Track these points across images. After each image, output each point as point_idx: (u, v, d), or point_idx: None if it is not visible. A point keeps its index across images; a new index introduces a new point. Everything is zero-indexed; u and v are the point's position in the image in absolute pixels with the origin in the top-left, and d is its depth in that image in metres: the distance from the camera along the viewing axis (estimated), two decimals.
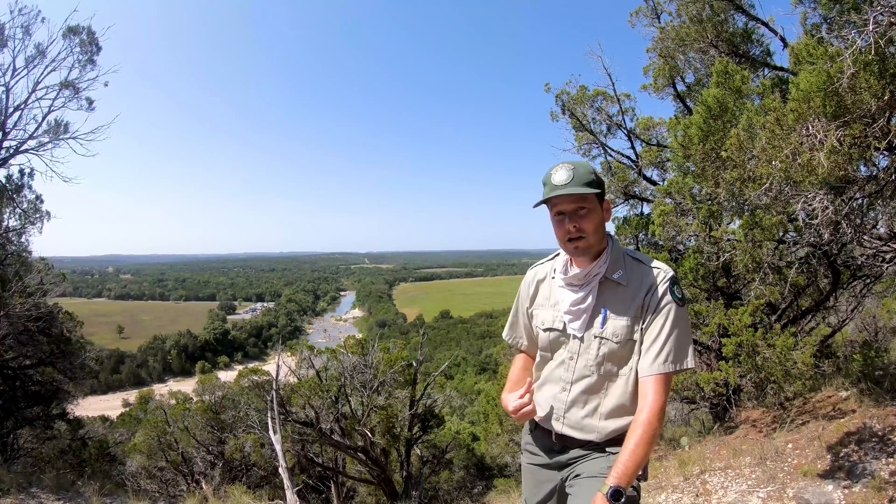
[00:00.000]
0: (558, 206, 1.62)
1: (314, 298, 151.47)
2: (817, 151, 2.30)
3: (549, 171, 1.63)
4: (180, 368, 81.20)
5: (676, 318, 1.58)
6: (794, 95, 2.44)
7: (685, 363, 1.58)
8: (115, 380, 72.35)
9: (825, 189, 3.64)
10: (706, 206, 4.56)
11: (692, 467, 5.09)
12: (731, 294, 6.67)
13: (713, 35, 4.40)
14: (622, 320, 1.63)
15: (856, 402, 4.70)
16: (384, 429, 9.08)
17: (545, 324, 1.81)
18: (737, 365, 5.41)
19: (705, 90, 3.33)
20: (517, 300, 1.99)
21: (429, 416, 10.47)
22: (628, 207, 9.06)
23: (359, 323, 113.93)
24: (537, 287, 1.90)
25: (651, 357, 1.57)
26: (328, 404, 8.99)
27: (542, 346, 1.83)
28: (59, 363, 9.43)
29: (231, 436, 9.92)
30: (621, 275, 1.66)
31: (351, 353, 9.69)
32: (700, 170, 3.43)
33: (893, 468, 3.58)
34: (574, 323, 1.70)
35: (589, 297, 1.67)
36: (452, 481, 12.76)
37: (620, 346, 1.62)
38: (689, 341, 1.60)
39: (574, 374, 1.70)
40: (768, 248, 4.48)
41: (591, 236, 1.62)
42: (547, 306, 1.83)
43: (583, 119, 8.08)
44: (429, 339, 61.91)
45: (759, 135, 2.60)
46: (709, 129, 3.29)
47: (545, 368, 1.83)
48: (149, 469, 9.92)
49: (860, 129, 2.27)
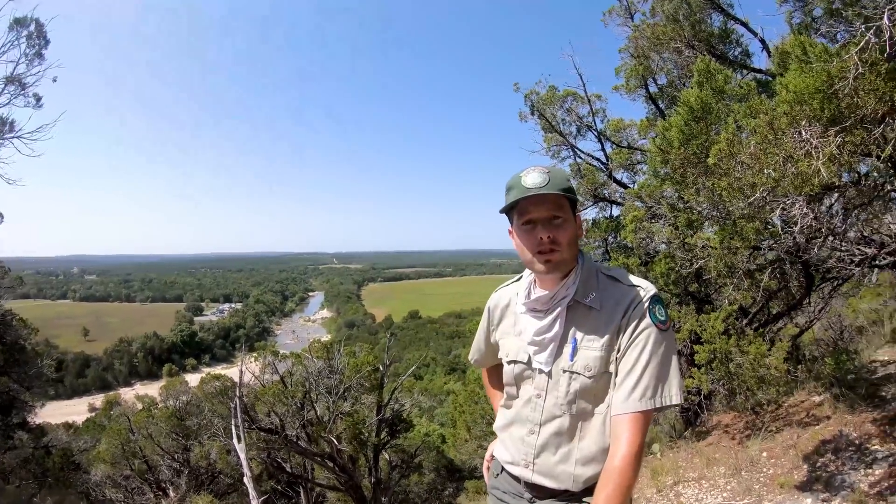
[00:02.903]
0: (530, 213, 1.38)
1: (282, 299, 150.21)
2: (814, 159, 2.15)
3: (518, 175, 1.39)
4: (147, 371, 79.46)
5: (657, 345, 1.33)
6: (783, 97, 2.28)
7: (668, 398, 1.32)
8: (81, 384, 71.20)
9: (804, 196, 3.55)
10: (685, 214, 4.40)
11: (665, 477, 4.99)
12: (702, 298, 6.63)
13: (690, 34, 4.28)
14: (595, 351, 1.38)
15: (830, 408, 4.66)
16: (351, 435, 8.88)
17: (509, 355, 1.57)
18: (709, 371, 5.33)
19: (685, 91, 3.15)
20: (480, 327, 1.79)
21: (397, 420, 10.29)
22: (598, 210, 9.01)
23: (327, 324, 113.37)
24: (501, 313, 1.67)
25: (625, 392, 1.32)
26: (293, 411, 8.76)
27: (507, 381, 1.59)
28: (14, 372, 8.95)
29: (196, 443, 9.75)
30: (594, 297, 1.42)
31: (316, 358, 9.48)
32: (680, 176, 3.25)
33: (873, 479, 3.51)
34: (540, 355, 1.46)
35: (556, 325, 1.43)
36: (423, 484, 12.69)
37: (594, 381, 1.38)
38: (675, 372, 1.34)
39: (543, 414, 1.47)
40: (743, 255, 4.39)
41: (566, 250, 1.38)
42: (512, 335, 1.60)
43: (552, 120, 7.95)
44: (398, 340, 61.73)
45: (748, 140, 2.43)
46: (690, 132, 3.10)
47: (512, 406, 1.59)
48: (114, 478, 9.75)
49: (861, 135, 2.13)
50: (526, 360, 1.51)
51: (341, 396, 9.10)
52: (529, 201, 1.36)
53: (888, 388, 4.40)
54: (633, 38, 5.44)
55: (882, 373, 4.91)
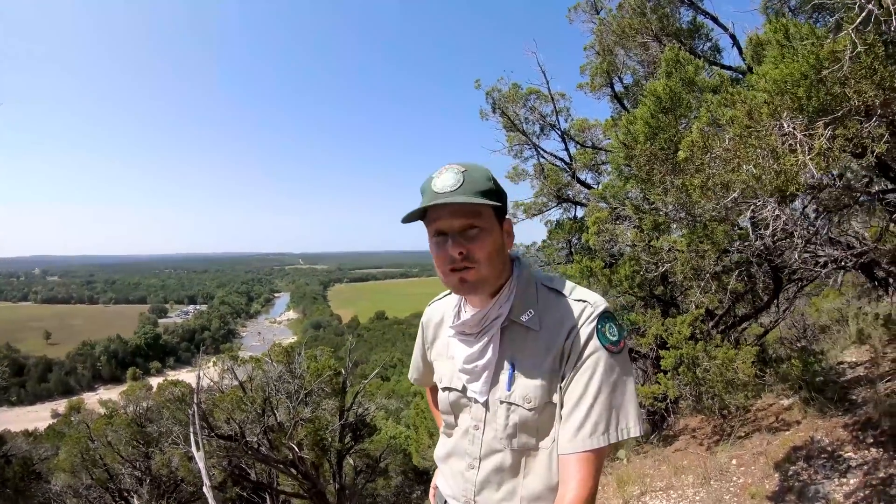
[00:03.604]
0: (438, 223, 1.14)
1: (248, 300, 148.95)
2: (800, 154, 1.95)
3: (431, 176, 1.15)
4: (111, 375, 77.96)
5: (608, 372, 1.11)
6: (763, 86, 2.08)
7: (624, 431, 1.11)
8: (44, 389, 69.81)
9: (776, 198, 3.40)
10: (651, 216, 4.19)
11: (632, 487, 4.83)
12: (667, 301, 6.52)
13: (657, 27, 4.10)
14: (535, 378, 1.17)
15: (800, 412, 4.55)
16: (312, 442, 8.58)
17: (443, 381, 1.37)
18: (676, 377, 5.19)
19: (651, 82, 2.91)
20: (417, 343, 1.57)
21: (360, 425, 10.06)
22: (561, 211, 8.88)
23: (293, 325, 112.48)
24: (435, 332, 1.46)
25: (572, 428, 1.10)
26: (253, 417, 8.46)
27: (443, 409, 1.38)
28: None
29: (157, 450, 9.50)
30: (532, 316, 1.20)
31: (277, 362, 9.18)
32: (645, 173, 3.03)
33: (848, 489, 3.38)
34: (474, 384, 1.25)
35: (488, 351, 1.22)
36: (390, 488, 12.57)
37: (536, 413, 1.17)
38: (632, 399, 1.12)
39: (482, 448, 1.26)
40: (711, 258, 4.24)
41: (485, 266, 1.14)
42: (445, 357, 1.38)
43: (515, 118, 7.75)
44: (364, 341, 61.18)
45: (725, 132, 2.23)
46: (657, 125, 2.85)
47: (451, 435, 1.38)
48: (75, 487, 9.53)
49: (854, 127, 1.93)
50: (461, 387, 1.30)
51: (302, 402, 8.83)
52: (439, 209, 1.12)
53: (858, 392, 4.32)
54: (598, 32, 5.26)
55: (851, 375, 4.85)
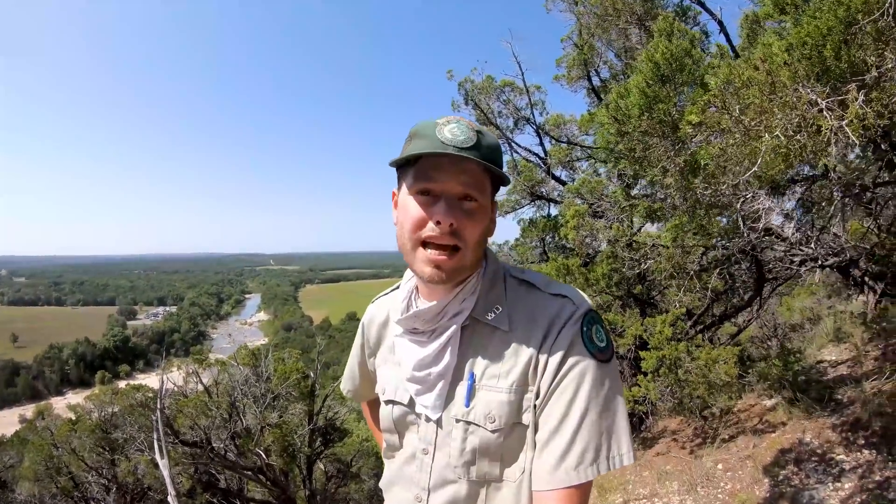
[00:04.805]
0: (434, 180, 0.89)
1: (218, 302, 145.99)
2: (832, 120, 1.73)
3: (433, 121, 0.90)
4: (79, 379, 75.66)
5: (597, 386, 0.87)
6: (779, 47, 1.86)
7: (616, 459, 0.87)
8: (10, 393, 67.87)
9: (767, 189, 3.22)
10: (643, 203, 3.91)
11: (614, 496, 4.63)
12: (645, 301, 6.37)
13: (642, 10, 3.92)
14: (500, 392, 0.92)
15: (784, 413, 4.42)
16: (281, 448, 8.23)
17: (386, 392, 1.10)
18: (657, 378, 5.00)
19: (646, 50, 2.65)
20: (354, 348, 1.30)
21: (331, 429, 9.68)
22: (535, 209, 8.71)
23: (265, 326, 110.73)
24: (378, 333, 1.18)
25: (553, 458, 0.86)
26: (220, 422, 8.13)
27: (386, 426, 1.10)
28: None
29: (123, 457, 9.01)
30: (500, 313, 0.96)
31: (243, 365, 8.85)
32: (640, 151, 2.77)
33: (843, 494, 3.21)
34: (424, 396, 1.00)
35: (445, 355, 0.97)
36: (363, 491, 12.23)
37: (501, 436, 0.92)
38: (623, 420, 0.89)
39: (431, 476, 0.99)
40: (696, 254, 4.05)
41: (471, 251, 0.91)
42: (391, 363, 1.12)
43: (488, 112, 7.54)
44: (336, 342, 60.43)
45: (744, 98, 2.00)
46: (655, 96, 2.59)
47: (394, 461, 1.11)
48: (40, 497, 9.15)
49: (893, 90, 1.72)
50: (407, 400, 1.04)
51: (269, 406, 8.48)
52: (440, 162, 0.88)
53: (843, 391, 4.19)
54: (579, 14, 5.05)
55: (833, 374, 4.75)
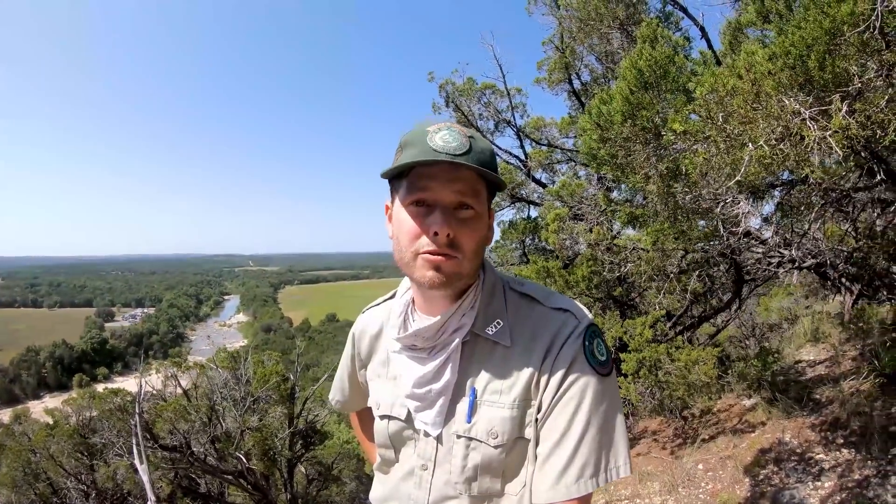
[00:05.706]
0: (428, 190, 0.87)
1: (197, 303, 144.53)
2: (815, 131, 1.75)
3: (423, 128, 0.89)
4: (57, 382, 73.74)
5: (598, 401, 0.88)
6: (762, 55, 1.88)
7: (614, 471, 0.89)
8: None
9: (746, 193, 3.26)
10: (625, 209, 3.95)
11: (596, 496, 4.64)
12: (624, 303, 6.42)
13: (624, 15, 3.95)
14: (503, 408, 0.93)
15: (763, 413, 4.48)
16: (261, 451, 8.19)
17: (381, 407, 1.08)
18: (637, 380, 5.05)
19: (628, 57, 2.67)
20: (343, 359, 1.28)
21: (311, 432, 9.64)
22: (515, 211, 8.75)
23: (244, 328, 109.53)
24: (371, 346, 1.17)
25: (555, 472, 0.87)
26: (199, 426, 8.05)
27: (381, 441, 1.09)
28: None
29: (101, 462, 8.95)
30: (501, 328, 0.96)
31: (222, 368, 8.76)
32: (622, 157, 2.80)
33: (824, 493, 3.26)
34: (424, 413, 0.99)
35: (446, 372, 0.96)
36: (344, 494, 12.20)
37: (503, 452, 0.93)
38: (621, 433, 0.91)
39: (431, 493, 0.99)
40: (676, 257, 4.09)
41: (469, 259, 0.90)
42: (385, 377, 1.11)
43: (469, 114, 7.55)
44: (316, 343, 59.79)
45: (727, 107, 2.02)
46: (638, 103, 2.62)
47: (388, 476, 1.10)
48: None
49: (879, 99, 1.74)
50: (405, 416, 1.03)
51: (249, 409, 8.41)
52: (433, 171, 0.87)
53: (822, 391, 4.27)
54: (560, 18, 5.07)
55: (811, 374, 4.84)
